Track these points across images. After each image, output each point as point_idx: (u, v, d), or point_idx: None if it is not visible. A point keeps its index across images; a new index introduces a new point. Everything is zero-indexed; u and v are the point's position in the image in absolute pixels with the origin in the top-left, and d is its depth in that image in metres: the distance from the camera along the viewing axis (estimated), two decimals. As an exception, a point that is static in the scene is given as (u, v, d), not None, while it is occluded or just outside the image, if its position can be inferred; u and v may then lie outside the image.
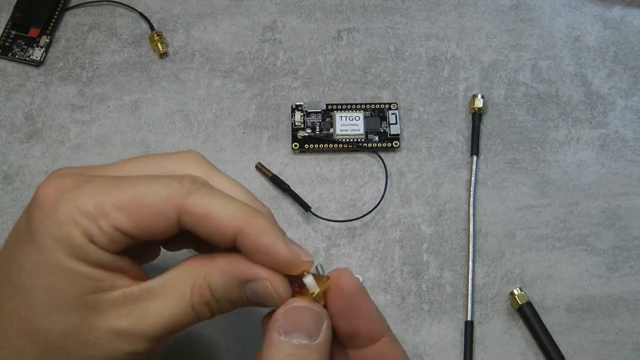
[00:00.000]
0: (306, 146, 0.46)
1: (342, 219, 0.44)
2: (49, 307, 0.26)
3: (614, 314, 0.42)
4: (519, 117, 0.48)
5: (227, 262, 0.27)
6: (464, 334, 0.42)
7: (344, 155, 0.46)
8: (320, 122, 0.47)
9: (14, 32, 0.49)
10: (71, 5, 0.51)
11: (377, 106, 0.47)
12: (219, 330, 0.41)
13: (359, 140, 0.46)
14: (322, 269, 0.45)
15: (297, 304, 0.26)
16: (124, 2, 0.51)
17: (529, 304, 0.41)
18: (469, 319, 0.42)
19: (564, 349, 0.41)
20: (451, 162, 0.46)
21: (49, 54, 0.49)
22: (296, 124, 0.46)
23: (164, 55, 0.49)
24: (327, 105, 0.47)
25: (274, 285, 0.26)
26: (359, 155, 0.46)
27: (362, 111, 0.47)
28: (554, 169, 0.46)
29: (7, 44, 0.49)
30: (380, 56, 0.49)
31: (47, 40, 0.49)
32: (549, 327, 0.41)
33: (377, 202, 0.44)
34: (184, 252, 0.31)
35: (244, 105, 0.48)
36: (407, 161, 0.46)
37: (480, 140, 0.47)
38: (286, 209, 0.45)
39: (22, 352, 0.27)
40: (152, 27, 0.50)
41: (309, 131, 0.46)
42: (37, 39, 0.49)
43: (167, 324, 0.27)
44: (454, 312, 0.42)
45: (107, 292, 0.26)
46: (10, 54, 0.48)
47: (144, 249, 0.31)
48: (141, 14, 0.50)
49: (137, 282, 0.27)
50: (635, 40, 0.50)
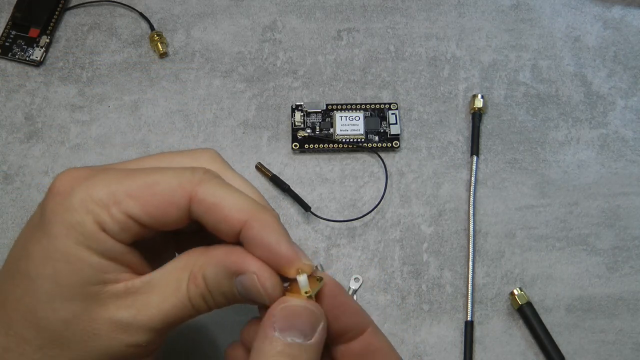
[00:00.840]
0: (306, 146, 0.46)
1: (342, 219, 0.44)
2: (52, 295, 0.26)
3: (614, 314, 0.42)
4: (519, 117, 0.48)
5: (222, 253, 0.27)
6: (464, 334, 0.42)
7: (344, 155, 0.46)
8: (320, 122, 0.47)
9: (14, 32, 0.49)
10: (71, 5, 0.51)
11: (377, 106, 0.47)
12: (218, 330, 0.41)
13: (359, 140, 0.46)
14: (321, 268, 0.45)
15: (296, 303, 0.26)
16: (124, 2, 0.51)
17: (529, 304, 0.41)
18: (469, 319, 0.42)
19: (564, 349, 0.41)
20: (451, 162, 0.46)
21: (49, 54, 0.49)
22: (296, 124, 0.46)
23: (164, 55, 0.49)
24: (327, 105, 0.47)
25: (261, 280, 0.26)
26: (359, 155, 0.46)
27: (362, 111, 0.47)
28: (554, 169, 0.46)
29: (7, 44, 0.49)
30: (380, 56, 0.49)
31: (47, 40, 0.49)
32: (549, 327, 0.41)
33: (377, 202, 0.44)
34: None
35: (244, 105, 0.48)
36: (407, 161, 0.46)
37: (480, 140, 0.47)
38: (286, 209, 0.45)
39: (24, 339, 0.27)
40: (152, 27, 0.50)
41: (309, 131, 0.46)
42: (37, 39, 0.49)
43: (166, 316, 0.27)
44: (454, 312, 0.42)
45: (111, 284, 0.27)
46: (10, 54, 0.48)
47: (156, 248, 0.31)
48: (141, 14, 0.50)
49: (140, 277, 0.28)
50: (635, 40, 0.50)
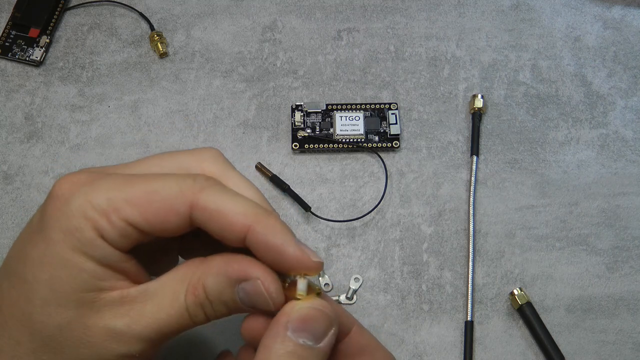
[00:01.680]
0: (306, 146, 0.46)
1: (342, 219, 0.44)
2: (47, 300, 0.26)
3: (614, 314, 0.42)
4: (519, 117, 0.48)
5: (222, 262, 0.27)
6: (464, 334, 0.42)
7: (344, 155, 0.46)
8: (320, 122, 0.47)
9: (14, 32, 0.49)
10: (71, 5, 0.51)
11: (377, 106, 0.47)
12: (218, 331, 0.41)
13: (359, 140, 0.46)
14: (322, 271, 0.45)
15: (313, 305, 0.26)
16: (124, 2, 0.51)
17: (529, 304, 0.41)
18: (469, 319, 0.42)
19: (564, 349, 0.41)
20: (451, 162, 0.46)
21: (49, 54, 0.49)
22: (296, 124, 0.46)
23: (164, 55, 0.49)
24: (327, 105, 0.47)
25: (265, 285, 0.26)
26: (359, 155, 0.46)
27: (362, 111, 0.47)
28: (554, 169, 0.46)
29: (7, 44, 0.49)
30: (380, 56, 0.49)
31: (47, 40, 0.49)
32: (549, 327, 0.41)
33: (377, 202, 0.44)
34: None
35: (244, 105, 0.48)
36: (407, 161, 0.46)
37: (480, 140, 0.47)
38: (286, 209, 0.45)
39: (18, 343, 0.27)
40: (152, 27, 0.50)
41: (309, 131, 0.46)
42: (37, 39, 0.49)
43: (161, 326, 0.27)
44: (454, 312, 0.42)
45: (106, 292, 0.26)
46: (10, 54, 0.48)
47: (158, 255, 0.31)
48: (141, 14, 0.50)
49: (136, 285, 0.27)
50: (635, 40, 0.50)
